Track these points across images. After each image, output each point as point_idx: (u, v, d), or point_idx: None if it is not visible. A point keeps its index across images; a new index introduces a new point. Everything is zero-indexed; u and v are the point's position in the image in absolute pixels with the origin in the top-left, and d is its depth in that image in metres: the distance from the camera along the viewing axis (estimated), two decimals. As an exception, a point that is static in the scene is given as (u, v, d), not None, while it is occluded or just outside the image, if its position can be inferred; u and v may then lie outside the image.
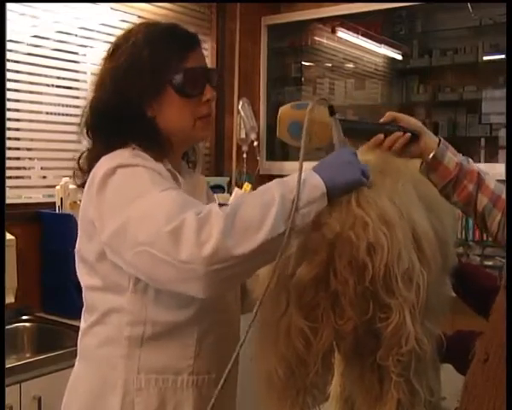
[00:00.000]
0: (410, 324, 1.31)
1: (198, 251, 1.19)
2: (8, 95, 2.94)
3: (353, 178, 1.33)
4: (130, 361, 1.42)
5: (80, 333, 1.53)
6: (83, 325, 1.51)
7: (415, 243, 1.35)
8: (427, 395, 1.38)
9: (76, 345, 1.55)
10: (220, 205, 1.28)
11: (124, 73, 1.44)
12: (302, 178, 1.28)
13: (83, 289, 1.51)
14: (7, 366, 2.24)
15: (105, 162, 1.39)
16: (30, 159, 3.15)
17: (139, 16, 3.50)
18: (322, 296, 1.34)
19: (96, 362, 1.47)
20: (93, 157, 1.45)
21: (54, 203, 2.98)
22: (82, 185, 1.48)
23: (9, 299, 2.69)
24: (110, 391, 1.44)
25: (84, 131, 1.49)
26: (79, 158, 1.51)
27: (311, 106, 1.41)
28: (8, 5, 2.87)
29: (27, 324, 2.82)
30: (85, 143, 1.52)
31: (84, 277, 1.49)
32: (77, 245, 1.49)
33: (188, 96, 1.46)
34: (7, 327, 2.71)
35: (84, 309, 1.52)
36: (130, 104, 1.43)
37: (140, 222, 1.26)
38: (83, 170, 1.49)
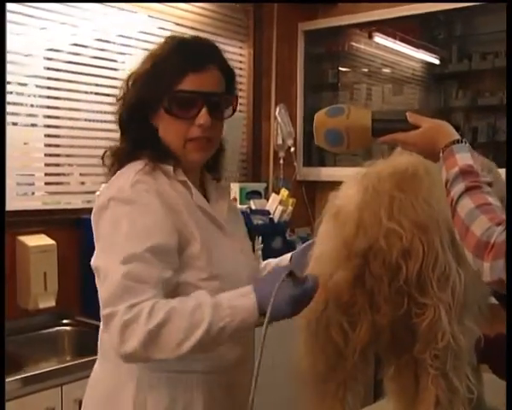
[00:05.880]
0: (446, 321, 1.33)
1: (118, 347, 1.32)
2: (49, 102, 3.02)
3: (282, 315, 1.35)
4: None
5: (100, 331, 1.56)
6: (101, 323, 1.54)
7: (452, 244, 1.36)
8: (465, 393, 1.38)
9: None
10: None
11: (136, 79, 1.53)
12: (236, 305, 1.33)
13: None
14: (48, 369, 2.30)
15: (109, 187, 1.49)
16: (69, 165, 3.20)
17: (177, 23, 3.53)
18: (359, 293, 1.38)
19: (111, 360, 1.49)
20: (119, 155, 1.56)
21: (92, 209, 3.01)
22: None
23: (50, 303, 2.74)
24: (123, 388, 1.49)
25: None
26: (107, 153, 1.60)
27: (345, 115, 1.42)
28: (50, 15, 2.93)
29: (68, 328, 2.86)
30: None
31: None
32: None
33: (176, 117, 1.49)
34: (48, 330, 2.77)
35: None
36: (138, 110, 1.51)
37: (102, 280, 1.38)
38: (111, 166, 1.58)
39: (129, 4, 3.28)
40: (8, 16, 2.55)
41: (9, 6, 2.65)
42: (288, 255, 1.81)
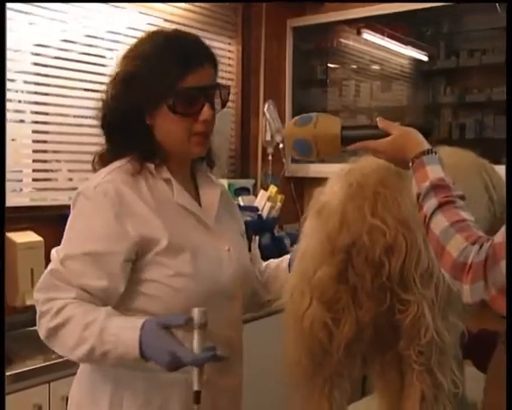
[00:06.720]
0: (430, 317, 1.34)
1: (38, 328, 1.45)
2: (37, 98, 3.00)
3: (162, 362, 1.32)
4: None
5: None
6: None
7: None
8: (451, 388, 1.39)
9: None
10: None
11: (128, 80, 1.50)
12: (120, 335, 1.34)
13: None
14: (35, 366, 2.30)
15: (87, 180, 1.53)
16: (57, 161, 3.18)
17: (165, 19, 3.52)
18: (343, 289, 1.39)
19: None
20: (106, 157, 1.57)
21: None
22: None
23: (38, 300, 2.73)
24: (102, 385, 1.51)
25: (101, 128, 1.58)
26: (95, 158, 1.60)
27: (312, 123, 1.42)
28: (39, 11, 2.92)
29: (55, 324, 2.84)
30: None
31: None
32: None
33: (181, 115, 1.49)
34: (35, 328, 2.74)
35: None
36: (131, 109, 1.50)
37: None
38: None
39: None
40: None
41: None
42: (288, 257, 1.78)
